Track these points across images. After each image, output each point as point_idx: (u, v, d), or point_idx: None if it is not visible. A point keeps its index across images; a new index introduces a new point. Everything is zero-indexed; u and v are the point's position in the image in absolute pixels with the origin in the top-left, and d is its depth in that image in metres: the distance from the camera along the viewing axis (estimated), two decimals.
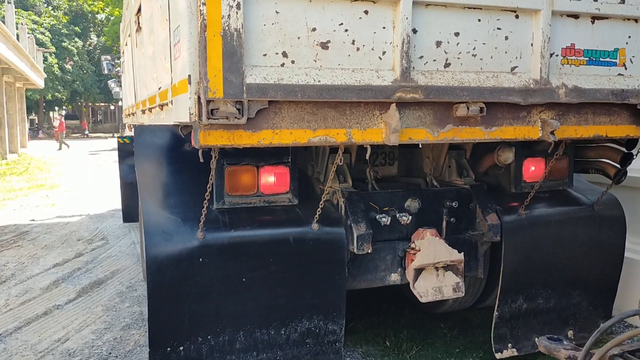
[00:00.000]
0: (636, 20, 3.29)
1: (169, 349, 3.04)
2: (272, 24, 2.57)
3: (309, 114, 2.72)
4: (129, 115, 7.19)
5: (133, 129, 5.91)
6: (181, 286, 3.02)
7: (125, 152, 7.56)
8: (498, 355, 3.70)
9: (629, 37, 3.29)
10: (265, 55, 2.58)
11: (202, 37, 2.42)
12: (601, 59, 3.24)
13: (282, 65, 2.61)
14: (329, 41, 2.68)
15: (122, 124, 15.47)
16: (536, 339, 2.38)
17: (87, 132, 46.46)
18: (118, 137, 8.07)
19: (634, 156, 3.77)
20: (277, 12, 2.57)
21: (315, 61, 2.67)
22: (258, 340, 3.21)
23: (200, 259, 3.03)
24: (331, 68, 2.70)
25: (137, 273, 6.07)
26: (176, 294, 3.02)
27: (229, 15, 2.43)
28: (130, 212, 7.43)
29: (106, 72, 10.87)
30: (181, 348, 3.06)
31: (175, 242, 3.04)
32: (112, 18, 37.92)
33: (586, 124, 3.30)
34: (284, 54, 2.61)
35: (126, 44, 6.90)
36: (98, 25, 45.83)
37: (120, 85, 9.67)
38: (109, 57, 10.96)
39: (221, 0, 2.40)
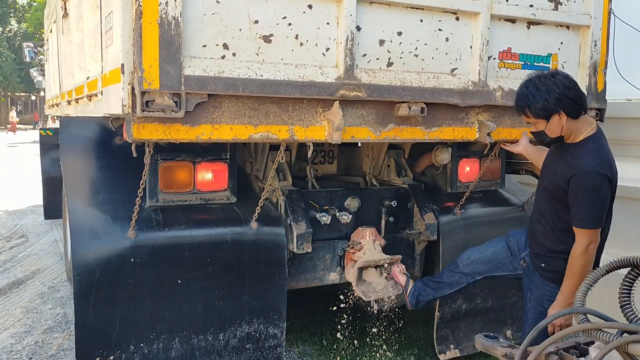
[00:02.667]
0: (568, 27, 3.42)
1: (98, 358, 2.84)
2: (213, 13, 2.46)
3: (250, 109, 2.63)
4: (53, 106, 6.80)
5: (58, 121, 5.58)
6: (111, 289, 2.83)
7: (48, 145, 7.17)
8: (442, 357, 3.70)
9: (561, 43, 3.41)
10: (205, 46, 2.47)
11: (138, 24, 2.28)
12: (535, 64, 3.34)
13: (223, 57, 2.51)
14: (271, 35, 2.60)
15: (44, 115, 14.65)
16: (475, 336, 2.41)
17: (39, 123, 42.42)
18: (40, 129, 7.62)
19: None
20: (217, 2, 2.46)
21: (257, 55, 2.59)
22: (195, 346, 3.05)
23: (132, 260, 2.86)
24: (274, 62, 2.62)
25: (60, 273, 5.72)
26: (105, 297, 2.83)
27: (167, 2, 2.31)
28: (52, 208, 7.10)
29: (28, 60, 10.24)
30: (112, 357, 2.87)
31: (104, 242, 2.85)
32: (34, 4, 35.85)
33: (520, 126, 3.38)
34: (225, 46, 2.51)
35: (51, 31, 6.51)
36: (19, 11, 43.08)
37: (44, 75, 9.14)
38: (31, 45, 10.33)
39: None
